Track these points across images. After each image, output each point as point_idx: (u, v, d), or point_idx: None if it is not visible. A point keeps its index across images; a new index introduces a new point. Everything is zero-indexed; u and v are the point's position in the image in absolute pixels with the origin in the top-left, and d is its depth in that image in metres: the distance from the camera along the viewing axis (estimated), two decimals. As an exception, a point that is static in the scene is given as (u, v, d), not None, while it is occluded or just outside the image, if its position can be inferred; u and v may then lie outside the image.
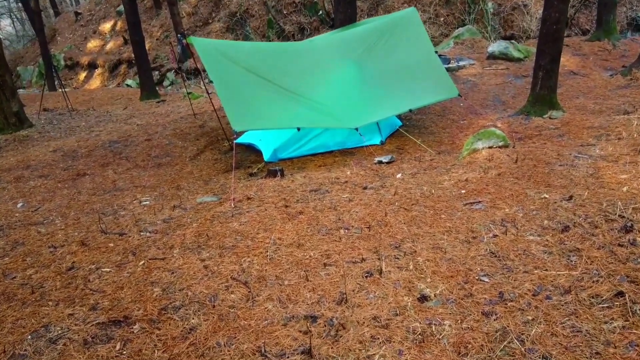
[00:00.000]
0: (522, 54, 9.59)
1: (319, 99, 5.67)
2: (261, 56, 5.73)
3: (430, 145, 6.09)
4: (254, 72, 5.48)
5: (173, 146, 6.44)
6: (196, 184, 5.28)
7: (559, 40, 6.41)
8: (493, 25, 11.87)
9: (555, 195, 3.89)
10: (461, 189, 4.20)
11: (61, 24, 24.93)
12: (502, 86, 8.41)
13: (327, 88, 5.82)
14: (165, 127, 7.07)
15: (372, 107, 5.83)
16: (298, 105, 5.53)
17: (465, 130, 6.59)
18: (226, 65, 5.37)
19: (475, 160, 4.98)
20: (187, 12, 20.39)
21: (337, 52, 6.19)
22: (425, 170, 4.98)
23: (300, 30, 17.49)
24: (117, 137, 6.72)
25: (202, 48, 5.35)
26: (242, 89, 5.31)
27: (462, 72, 9.16)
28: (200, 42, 5.42)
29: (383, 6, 16.77)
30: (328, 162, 5.75)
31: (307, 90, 5.68)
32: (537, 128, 6.28)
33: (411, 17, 6.45)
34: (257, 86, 5.42)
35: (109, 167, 5.89)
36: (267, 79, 5.52)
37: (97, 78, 20.50)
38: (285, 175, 5.13)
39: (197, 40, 5.43)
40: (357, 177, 4.96)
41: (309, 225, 3.70)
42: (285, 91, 5.55)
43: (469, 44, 10.69)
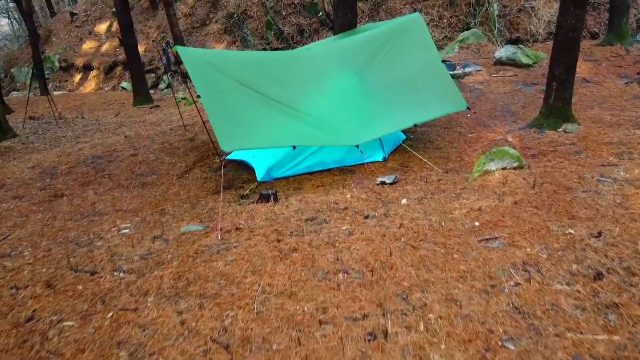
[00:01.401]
0: (531, 59, 9.14)
1: (316, 113, 5.23)
2: (253, 67, 5.29)
3: (436, 163, 5.64)
4: (245, 85, 5.04)
5: (160, 162, 6.00)
6: (182, 208, 4.84)
7: (575, 48, 5.96)
8: (499, 28, 11.40)
9: (582, 230, 3.44)
10: (474, 221, 3.75)
11: (57, 24, 24.48)
12: (511, 95, 7.96)
13: (325, 101, 5.37)
14: (153, 140, 6.63)
15: (374, 122, 5.38)
16: (293, 120, 5.08)
17: (473, 145, 6.14)
18: (215, 77, 4.93)
19: (488, 183, 4.53)
20: (184, 12, 19.94)
21: (336, 60, 5.73)
22: (433, 195, 4.53)
23: (299, 32, 17.05)
24: (102, 152, 6.28)
25: (188, 58, 4.90)
26: (232, 103, 4.87)
27: (468, 79, 8.71)
28: (187, 52, 4.97)
29: (385, 8, 16.32)
30: (326, 182, 5.30)
31: (304, 103, 5.24)
32: (551, 143, 5.83)
33: (416, 23, 6.00)
34: (249, 100, 4.98)
35: (90, 187, 5.45)
36: (260, 91, 5.08)
37: (92, 80, 20.06)
38: (279, 199, 4.69)
39: (184, 50, 4.99)
40: (358, 202, 4.51)
41: (304, 266, 3.25)
42: (280, 105, 5.11)
43: (474, 48, 10.23)
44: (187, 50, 4.99)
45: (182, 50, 4.95)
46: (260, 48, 17.34)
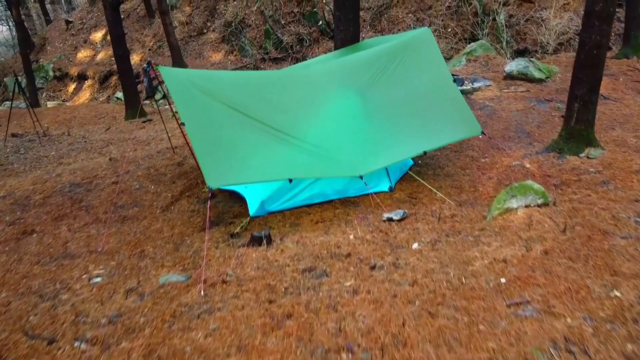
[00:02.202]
0: (543, 73, 8.62)
1: (315, 139, 4.70)
2: (245, 88, 4.76)
3: (448, 193, 5.11)
4: (235, 109, 4.51)
5: (144, 191, 5.46)
6: (164, 249, 4.29)
7: (599, 67, 5.45)
8: (507, 39, 10.90)
9: (629, 291, 2.90)
10: (500, 276, 3.21)
11: (52, 32, 24.02)
12: (525, 113, 7.43)
13: (325, 126, 4.85)
14: (138, 165, 6.09)
15: (379, 149, 4.86)
16: (289, 148, 4.55)
17: (488, 172, 5.60)
18: (201, 101, 4.40)
19: (510, 224, 3.99)
20: (181, 21, 19.48)
21: (336, 80, 5.21)
22: (448, 237, 3.99)
23: (299, 41, 16.58)
24: (81, 178, 5.74)
25: (172, 80, 4.38)
26: (220, 131, 4.34)
27: (478, 95, 8.19)
28: (170, 73, 4.44)
29: (387, 17, 15.84)
30: (327, 217, 4.76)
31: (301, 129, 4.72)
32: (574, 171, 5.30)
33: (425, 38, 5.48)
34: (240, 127, 4.45)
35: (64, 222, 4.91)
36: (252, 116, 4.55)
37: (87, 90, 19.55)
38: (273, 240, 4.14)
39: (167, 70, 4.46)
40: (363, 244, 3.97)
41: (299, 340, 2.70)
42: (274, 131, 4.58)
43: (482, 61, 9.72)
44: (170, 70, 4.47)
45: (165, 71, 4.42)
46: (259, 58, 16.87)
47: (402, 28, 15.49)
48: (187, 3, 20.06)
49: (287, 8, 17.18)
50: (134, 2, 21.60)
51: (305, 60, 16.29)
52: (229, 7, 18.69)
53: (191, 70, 4.75)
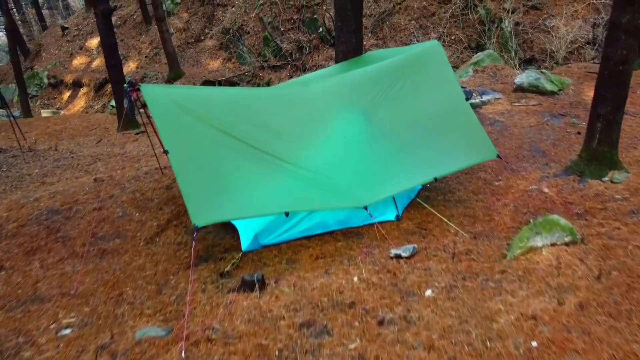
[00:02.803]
0: (555, 86, 8.17)
1: (314, 166, 4.25)
2: (236, 109, 4.31)
3: (461, 223, 4.65)
4: (226, 132, 4.07)
5: (127, 220, 4.99)
6: (145, 292, 3.83)
7: (625, 84, 5.00)
8: (513, 47, 10.46)
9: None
10: (530, 338, 2.74)
11: (48, 38, 23.64)
12: (538, 129, 6.97)
13: (325, 151, 4.40)
14: (123, 188, 5.63)
15: (385, 176, 4.40)
16: (286, 176, 4.10)
17: (503, 197, 5.14)
18: (188, 124, 3.95)
19: (535, 267, 3.53)
20: (178, 27, 19.09)
21: (338, 99, 4.76)
22: (465, 280, 3.53)
23: (298, 49, 16.17)
24: (60, 204, 5.28)
25: (155, 101, 3.93)
26: (208, 159, 3.89)
27: (487, 109, 7.73)
28: (154, 94, 3.98)
29: (389, 24, 15.44)
30: (327, 251, 4.30)
31: (298, 154, 4.27)
32: (598, 197, 4.84)
33: (434, 53, 5.03)
34: (230, 153, 4.00)
35: (37, 256, 4.44)
36: (244, 141, 4.10)
37: (82, 98, 19.15)
38: (266, 284, 3.67)
39: (150, 89, 4.00)
40: (368, 289, 3.51)
41: None
42: (269, 157, 4.14)
43: (490, 71, 9.27)
44: (153, 90, 4.01)
45: (148, 91, 3.97)
46: (258, 65, 16.46)
47: (404, 35, 15.09)
48: (184, 9, 19.68)
49: (286, 15, 16.79)
50: (131, 8, 21.23)
51: (304, 68, 15.93)
52: (227, 13, 18.30)
53: (177, 89, 4.31)
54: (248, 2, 17.84)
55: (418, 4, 15.58)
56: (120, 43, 20.46)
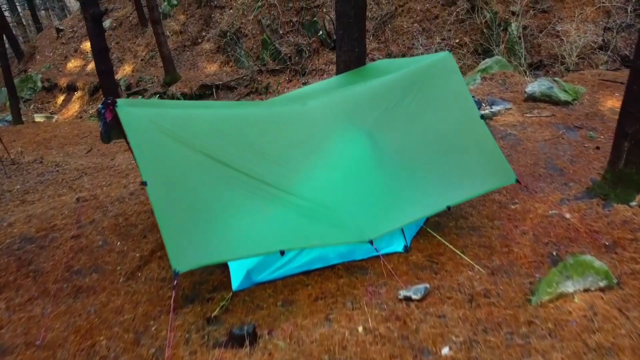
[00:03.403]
0: (569, 95, 7.71)
1: (312, 195, 3.79)
2: (225, 130, 3.84)
3: (476, 255, 4.19)
4: (213, 158, 3.61)
5: (107, 250, 4.53)
6: (121, 342, 3.36)
7: (657, 99, 4.53)
8: (522, 52, 9.98)
9: None
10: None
11: (42, 40, 23.16)
12: (553, 143, 6.51)
13: (325, 177, 3.94)
14: (105, 212, 5.16)
15: (392, 206, 3.95)
16: (281, 208, 3.64)
17: (520, 224, 4.67)
18: (170, 150, 3.49)
19: (567, 318, 3.06)
20: (175, 30, 18.62)
21: (339, 118, 4.30)
22: (486, 334, 3.06)
23: (298, 52, 15.70)
24: (36, 230, 4.82)
25: (133, 124, 3.46)
26: (192, 190, 3.43)
27: (498, 121, 7.27)
28: (132, 115, 3.51)
29: (391, 26, 14.98)
30: (328, 290, 3.84)
31: (295, 181, 3.81)
32: (626, 226, 4.37)
33: (445, 65, 4.56)
34: (218, 182, 3.54)
35: (3, 295, 3.97)
36: (234, 167, 3.65)
37: (76, 102, 18.69)
38: (259, 336, 3.21)
39: (128, 110, 3.53)
40: (376, 344, 3.04)
41: None
42: (262, 185, 3.68)
43: (499, 79, 8.81)
44: (132, 111, 3.53)
45: (125, 112, 3.50)
46: (256, 69, 16.00)
47: (407, 39, 14.64)
48: (181, 11, 19.22)
49: (285, 17, 16.33)
50: (126, 10, 20.77)
51: (304, 72, 15.46)
52: (225, 15, 17.84)
53: (159, 109, 3.83)
54: (246, 4, 17.38)
55: (421, 7, 15.12)
56: (116, 46, 20.03)
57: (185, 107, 4.11)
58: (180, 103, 4.48)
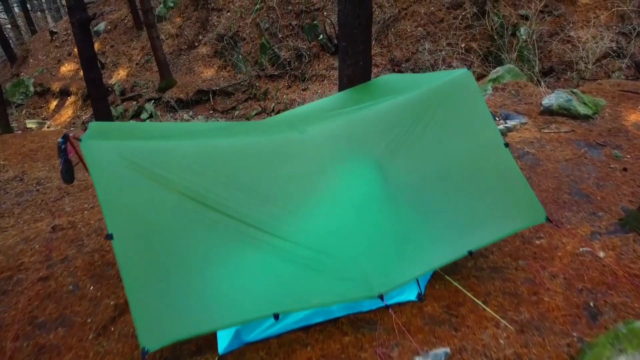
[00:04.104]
0: (589, 109, 7.15)
1: (312, 241, 3.24)
2: (211, 164, 3.28)
3: (501, 305, 3.64)
4: (194, 199, 3.05)
5: (78, 297, 3.97)
6: None
7: None
8: (536, 61, 9.42)
9: None
10: None
11: (36, 43, 22.61)
12: (576, 163, 5.95)
13: (326, 219, 3.38)
14: (80, 247, 4.61)
15: (406, 251, 3.39)
16: (274, 258, 3.09)
17: (548, 264, 4.12)
18: (143, 192, 2.94)
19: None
20: (171, 33, 18.07)
21: (345, 146, 3.74)
22: None
23: (297, 57, 15.15)
24: (0, 270, 4.27)
25: (99, 162, 2.91)
26: (168, 242, 2.87)
27: (514, 137, 6.71)
28: (97, 150, 2.95)
29: (394, 31, 14.43)
30: (330, 351, 3.29)
31: (292, 225, 3.26)
32: (671, 268, 3.82)
33: (465, 85, 4.00)
34: (200, 231, 2.99)
35: (-50, 357, 3.43)
36: (220, 209, 3.09)
37: (69, 107, 18.15)
38: None
39: (92, 145, 2.97)
40: None
41: None
42: (252, 230, 3.14)
43: (512, 89, 8.25)
44: (98, 145, 2.98)
45: (90, 147, 2.95)
46: (254, 74, 15.44)
47: (410, 43, 14.10)
48: (177, 14, 18.67)
49: (284, 20, 15.77)
50: (121, 12, 20.22)
51: (303, 77, 14.88)
52: (222, 18, 17.29)
53: (132, 141, 3.27)
54: (244, 7, 16.84)
55: (425, 10, 14.58)
56: (110, 49, 19.49)
57: (166, 136, 3.54)
58: (161, 128, 3.92)
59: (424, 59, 12.16)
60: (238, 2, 17.16)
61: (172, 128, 3.95)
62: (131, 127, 3.91)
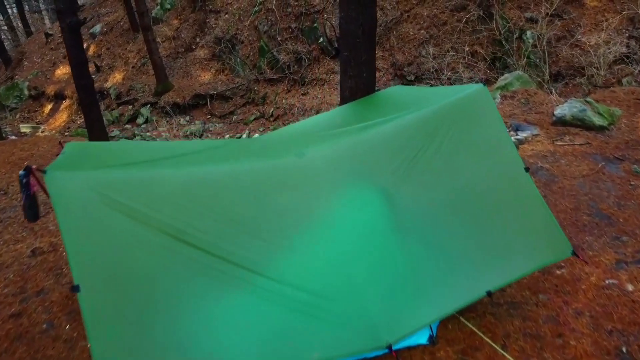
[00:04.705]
0: (605, 119, 6.77)
1: (309, 282, 2.86)
2: (197, 195, 2.90)
3: (522, 350, 3.26)
4: (177, 237, 2.67)
5: (52, 337, 3.58)
6: None
7: None
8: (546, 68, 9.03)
9: None
10: None
11: (31, 45, 22.24)
12: (594, 180, 5.57)
13: (326, 255, 2.99)
14: (59, 275, 4.22)
15: (417, 292, 3.01)
16: (266, 303, 2.72)
17: (572, 300, 3.74)
18: (118, 232, 2.56)
19: None
20: (168, 35, 17.69)
21: (347, 170, 3.36)
22: None
23: (297, 61, 14.78)
24: (-31, 302, 3.90)
25: (66, 199, 2.53)
26: (145, 294, 2.50)
27: (525, 150, 6.33)
28: (64, 183, 2.57)
29: (396, 34, 14.04)
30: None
31: (286, 264, 2.89)
32: None
33: (480, 102, 3.61)
34: (182, 277, 2.61)
35: None
36: (205, 248, 2.71)
37: (64, 112, 17.78)
38: None
39: (60, 178, 2.59)
40: None
41: None
42: (241, 271, 2.76)
43: (521, 97, 7.87)
44: (67, 178, 2.60)
45: (57, 181, 2.56)
46: (252, 78, 15.06)
47: (413, 47, 13.72)
48: (174, 16, 18.29)
49: (284, 23, 15.40)
50: (117, 14, 19.85)
51: (303, 81, 14.49)
52: (220, 20, 16.91)
53: (107, 171, 2.88)
54: (242, 9, 16.47)
55: (428, 12, 14.21)
56: (106, 52, 19.12)
57: (150, 161, 3.16)
58: (145, 149, 3.53)
59: (428, 65, 11.76)
60: (236, 4, 16.78)
61: (158, 149, 3.57)
62: (112, 148, 3.53)
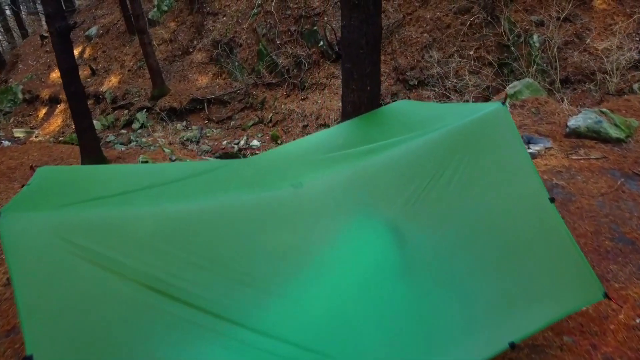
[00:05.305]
0: (622, 131, 6.38)
1: (302, 336, 2.48)
2: (176, 235, 2.52)
3: (549, 407, 2.87)
4: (153, 289, 2.30)
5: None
6: None
7: None
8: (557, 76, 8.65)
9: None
10: None
11: (26, 48, 21.89)
12: (614, 198, 5.19)
13: (325, 303, 2.61)
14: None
15: (430, 345, 2.63)
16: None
17: (600, 343, 3.36)
18: (83, 285, 2.19)
19: None
20: (164, 38, 17.32)
21: (350, 201, 2.98)
22: None
23: (296, 65, 14.41)
24: None
25: (21, 247, 2.15)
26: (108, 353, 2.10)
27: (539, 165, 5.94)
28: (22, 229, 2.20)
29: (398, 37, 13.67)
30: None
31: (278, 314, 2.49)
32: None
33: (499, 123, 3.23)
34: (158, 333, 2.22)
35: None
36: (186, 300, 2.33)
37: (59, 116, 17.42)
38: None
39: (16, 220, 2.22)
40: None
41: None
42: (225, 326, 2.38)
43: (532, 107, 7.49)
44: (23, 222, 2.22)
45: (11, 225, 2.19)
46: (251, 82, 14.69)
47: (415, 50, 13.34)
48: (172, 18, 17.92)
49: (283, 26, 15.03)
50: (114, 16, 19.48)
51: (303, 86, 14.11)
52: (218, 23, 16.54)
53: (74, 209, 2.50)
54: (241, 12, 16.10)
55: (431, 15, 13.84)
56: (102, 55, 18.76)
57: (129, 191, 2.78)
58: (125, 176, 3.14)
59: (432, 71, 11.38)
60: (234, 7, 16.42)
61: (138, 176, 3.18)
62: (87, 175, 3.14)
